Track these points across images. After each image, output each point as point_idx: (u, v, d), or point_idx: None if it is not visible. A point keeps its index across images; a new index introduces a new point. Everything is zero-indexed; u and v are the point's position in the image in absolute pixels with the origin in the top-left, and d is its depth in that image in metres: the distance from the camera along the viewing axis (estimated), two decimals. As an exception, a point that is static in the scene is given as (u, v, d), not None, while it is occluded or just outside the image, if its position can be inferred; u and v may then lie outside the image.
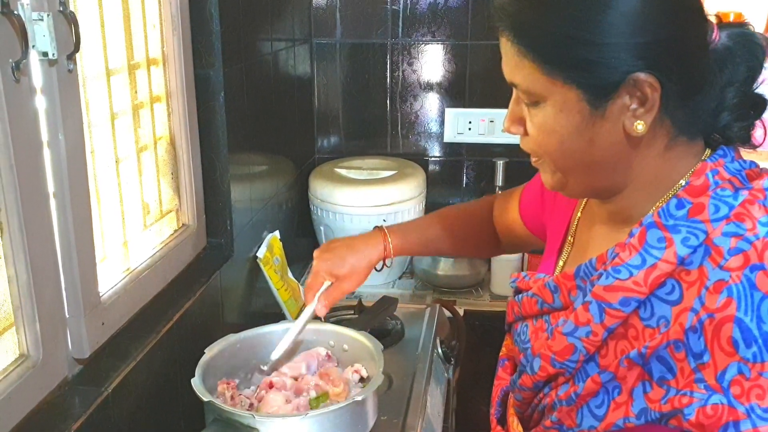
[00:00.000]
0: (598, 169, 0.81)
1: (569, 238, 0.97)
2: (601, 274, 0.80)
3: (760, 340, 0.69)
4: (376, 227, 1.23)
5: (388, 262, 1.22)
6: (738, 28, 0.80)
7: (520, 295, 0.94)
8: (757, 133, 0.82)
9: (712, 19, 0.79)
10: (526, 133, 0.83)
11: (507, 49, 0.80)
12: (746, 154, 0.84)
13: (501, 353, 1.06)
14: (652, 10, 0.73)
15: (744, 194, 0.75)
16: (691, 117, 0.79)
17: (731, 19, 1.90)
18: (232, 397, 1.09)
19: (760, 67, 0.80)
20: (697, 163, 0.81)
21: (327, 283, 1.18)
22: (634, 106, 0.76)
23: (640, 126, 0.76)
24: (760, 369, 0.69)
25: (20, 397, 0.86)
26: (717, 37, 0.78)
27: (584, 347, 0.81)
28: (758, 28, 2.01)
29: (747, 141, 0.82)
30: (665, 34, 0.74)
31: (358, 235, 1.24)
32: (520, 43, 0.78)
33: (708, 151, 0.82)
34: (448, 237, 1.26)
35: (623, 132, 0.77)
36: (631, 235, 0.80)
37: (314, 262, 1.20)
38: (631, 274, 0.77)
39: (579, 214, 0.97)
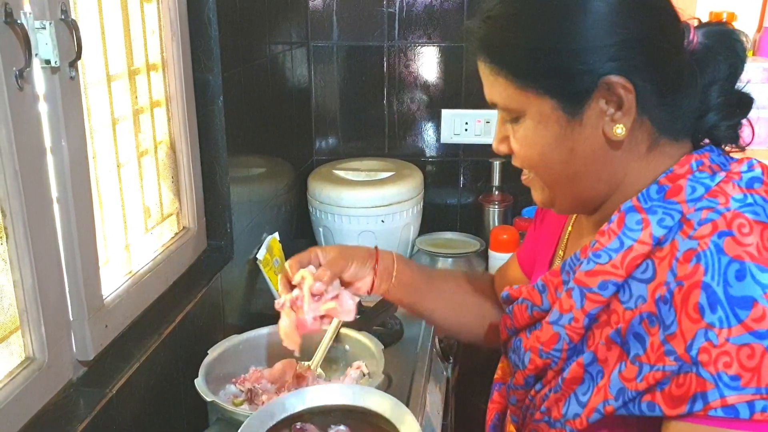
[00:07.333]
0: (583, 178, 0.81)
1: (559, 251, 0.97)
2: (582, 262, 0.80)
3: (725, 304, 0.66)
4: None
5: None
6: (716, 27, 0.80)
7: (511, 306, 0.93)
8: (745, 133, 0.82)
9: (693, 22, 0.79)
10: (512, 151, 0.84)
11: (483, 70, 0.82)
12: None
13: (496, 376, 1.03)
14: (618, 12, 0.73)
15: (721, 175, 0.75)
16: (672, 116, 0.78)
17: (724, 19, 1.91)
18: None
19: (741, 63, 0.79)
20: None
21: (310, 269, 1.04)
22: (611, 110, 0.75)
23: (619, 129, 0.76)
24: (727, 335, 0.66)
25: (27, 399, 0.88)
26: (694, 37, 0.78)
27: (567, 335, 0.80)
28: (751, 27, 2.03)
29: (735, 140, 0.82)
30: (633, 35, 0.73)
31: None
32: (492, 62, 0.80)
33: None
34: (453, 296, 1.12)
35: (603, 137, 0.77)
36: (610, 221, 0.79)
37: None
38: (610, 258, 0.77)
39: (570, 228, 0.97)
